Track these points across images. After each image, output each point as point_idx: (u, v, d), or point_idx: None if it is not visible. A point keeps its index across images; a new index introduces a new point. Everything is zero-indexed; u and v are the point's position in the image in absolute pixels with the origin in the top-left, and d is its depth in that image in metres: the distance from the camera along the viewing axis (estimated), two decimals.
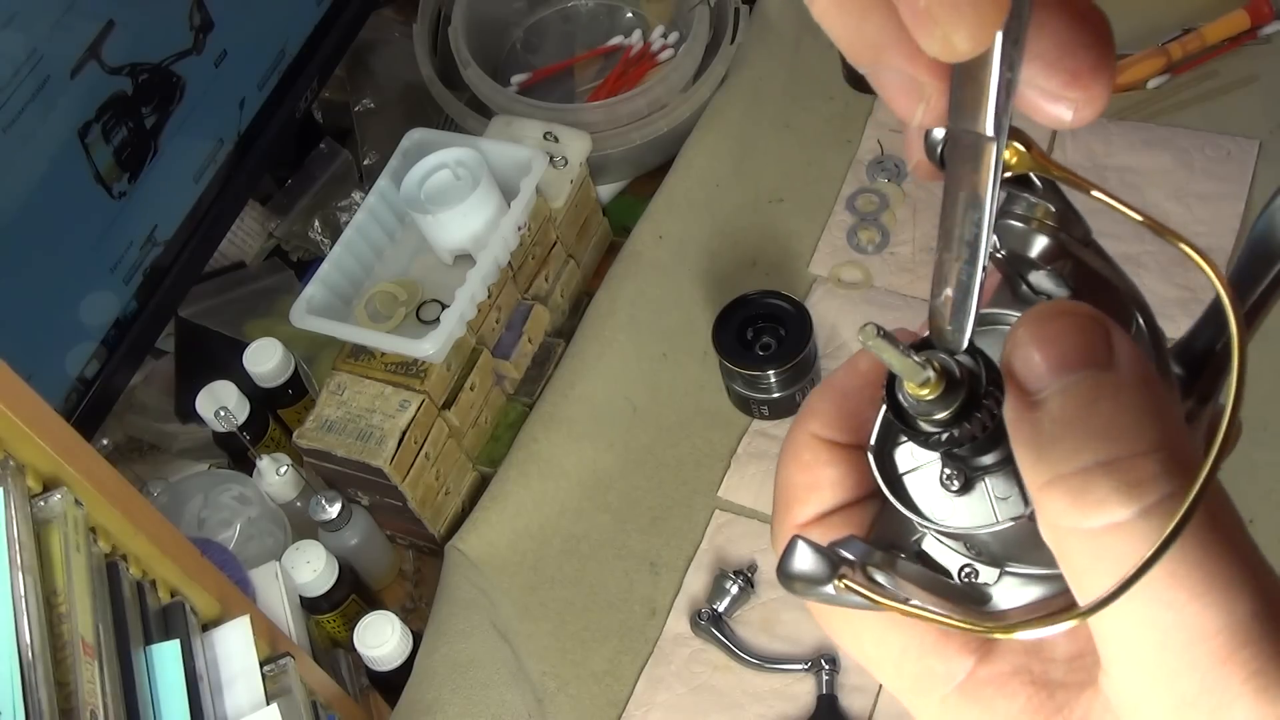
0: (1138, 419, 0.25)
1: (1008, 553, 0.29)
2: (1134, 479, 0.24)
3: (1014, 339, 0.26)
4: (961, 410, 0.26)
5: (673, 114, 1.14)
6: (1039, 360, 0.26)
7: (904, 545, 0.30)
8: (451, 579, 0.95)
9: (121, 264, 0.93)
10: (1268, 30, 1.12)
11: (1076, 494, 0.25)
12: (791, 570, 0.27)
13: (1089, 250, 0.29)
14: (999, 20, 0.23)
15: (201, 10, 0.97)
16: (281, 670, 0.75)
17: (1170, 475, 0.24)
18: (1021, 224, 0.28)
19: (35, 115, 0.83)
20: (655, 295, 1.07)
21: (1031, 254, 0.28)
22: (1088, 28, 0.26)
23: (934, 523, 0.29)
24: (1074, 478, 0.25)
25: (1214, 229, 1.03)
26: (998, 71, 0.26)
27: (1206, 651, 0.24)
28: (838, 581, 0.27)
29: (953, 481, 0.29)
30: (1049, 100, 0.27)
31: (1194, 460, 0.25)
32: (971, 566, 0.29)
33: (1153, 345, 0.28)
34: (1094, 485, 0.24)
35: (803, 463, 0.31)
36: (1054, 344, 0.26)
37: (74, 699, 0.57)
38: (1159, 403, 0.25)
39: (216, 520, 0.94)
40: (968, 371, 0.27)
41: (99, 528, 0.66)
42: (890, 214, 1.10)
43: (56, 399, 0.89)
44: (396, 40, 1.27)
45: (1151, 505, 0.24)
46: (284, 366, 1.00)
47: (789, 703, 0.88)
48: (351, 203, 1.18)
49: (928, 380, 0.26)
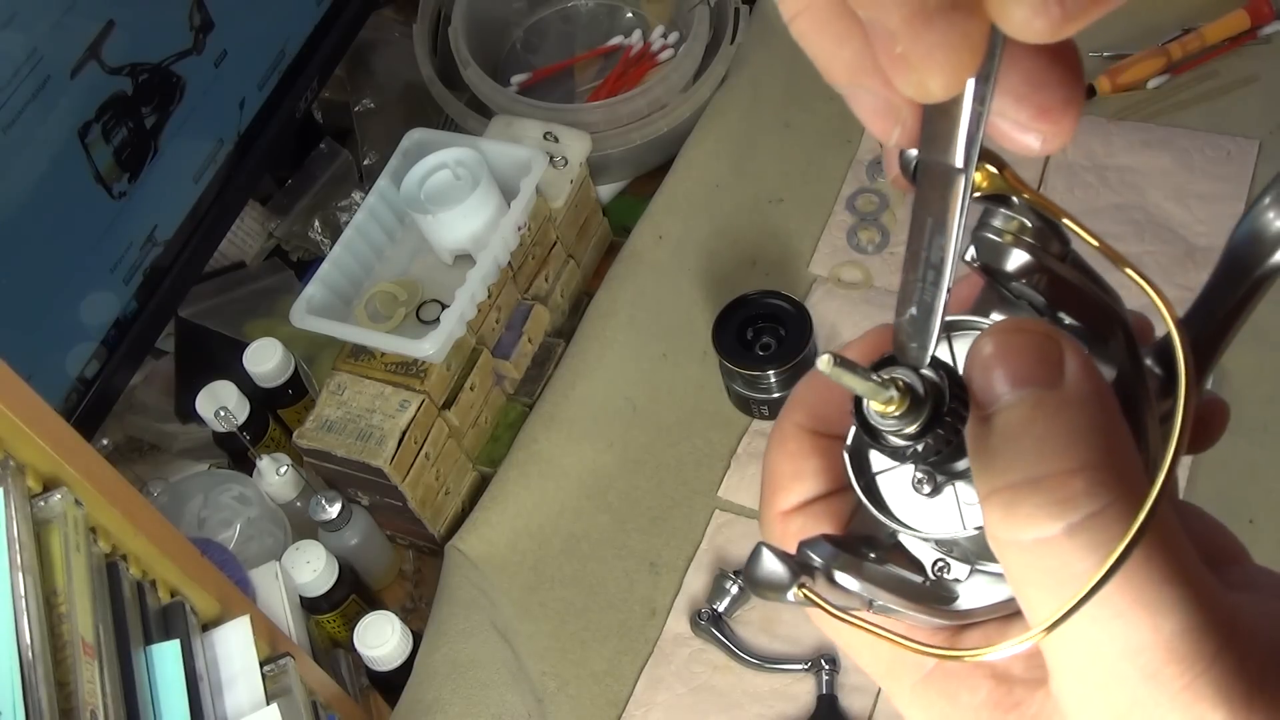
0: (1071, 438, 0.25)
1: (980, 551, 0.29)
2: (1060, 496, 0.25)
3: (972, 353, 0.27)
4: (926, 425, 0.27)
5: (673, 114, 1.14)
6: (993, 375, 0.26)
7: (880, 536, 0.31)
8: (451, 579, 0.95)
9: (121, 264, 0.93)
10: (1268, 30, 1.12)
11: (1008, 508, 0.25)
12: (755, 576, 0.28)
13: (1066, 265, 0.29)
14: (973, 67, 0.24)
15: (201, 10, 0.97)
16: (281, 670, 0.75)
17: (1096, 494, 0.25)
18: (998, 237, 0.29)
19: (35, 115, 0.83)
20: (655, 295, 1.07)
21: (1008, 267, 0.29)
22: (1058, 63, 0.27)
23: (903, 526, 0.30)
24: (1006, 491, 0.26)
25: (1214, 229, 1.03)
26: (969, 107, 0.26)
27: (1134, 668, 0.25)
28: (797, 590, 0.28)
29: (924, 485, 0.30)
30: (1018, 131, 0.27)
31: (1137, 477, 0.26)
32: (945, 561, 0.30)
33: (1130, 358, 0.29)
34: (1023, 500, 0.25)
35: (787, 452, 0.32)
36: (1006, 360, 0.26)
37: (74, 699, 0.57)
38: (1099, 421, 0.26)
39: (216, 520, 0.94)
40: (931, 386, 0.27)
41: (99, 528, 0.66)
42: (890, 214, 1.10)
43: (56, 399, 0.89)
44: (396, 40, 1.27)
45: (1077, 523, 0.25)
46: (284, 366, 1.00)
47: (789, 703, 0.88)
48: (351, 203, 1.18)
49: (891, 398, 0.27)
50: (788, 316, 0.99)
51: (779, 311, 0.99)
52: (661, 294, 1.07)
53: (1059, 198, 1.08)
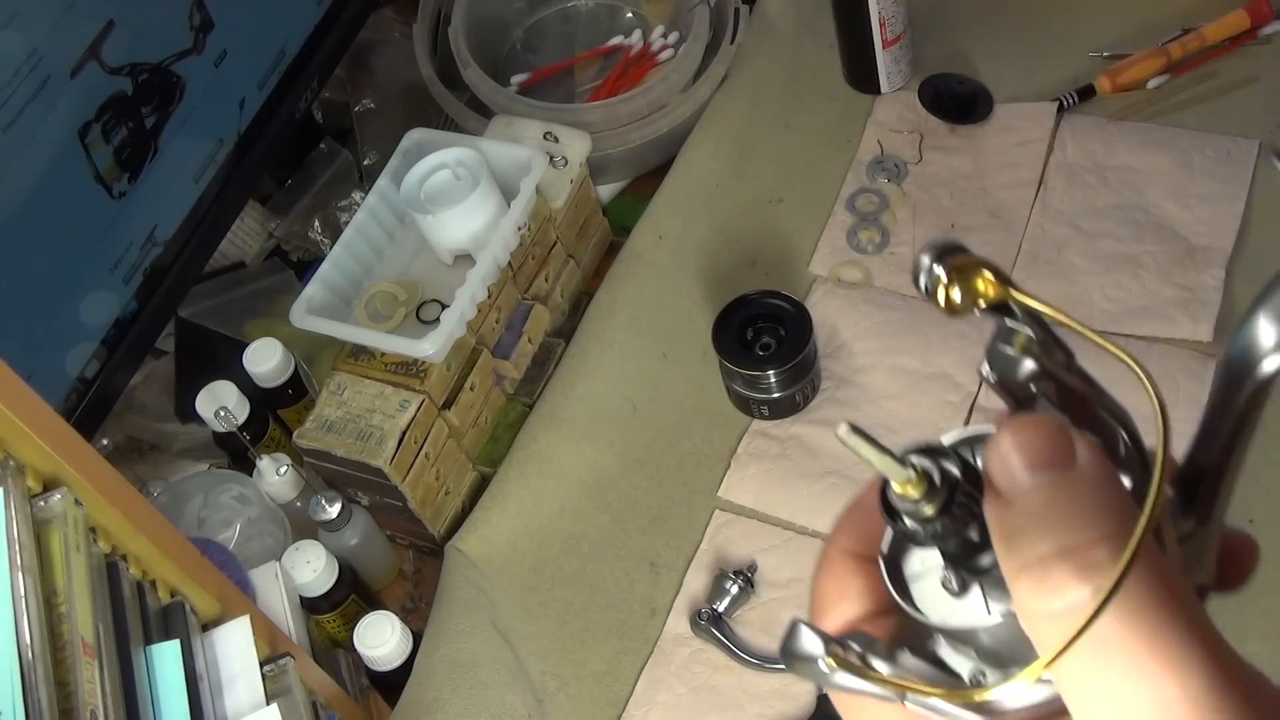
0: (1092, 512, 0.28)
1: (1012, 655, 0.31)
2: (1087, 563, 0.27)
3: (990, 445, 0.30)
4: (943, 508, 0.30)
5: (673, 114, 1.14)
6: (1011, 462, 0.29)
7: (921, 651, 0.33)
8: (451, 579, 0.95)
9: (121, 264, 0.93)
10: (1268, 30, 1.12)
11: (1039, 578, 0.28)
12: (789, 648, 0.30)
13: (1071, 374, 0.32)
14: None
15: (201, 10, 0.97)
16: (281, 670, 0.75)
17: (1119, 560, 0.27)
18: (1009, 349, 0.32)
19: (35, 115, 0.83)
20: (655, 295, 1.07)
21: (1019, 377, 0.32)
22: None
23: (934, 620, 0.32)
24: (1038, 564, 0.28)
25: (1214, 229, 1.03)
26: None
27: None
28: (827, 658, 0.30)
29: (951, 582, 0.32)
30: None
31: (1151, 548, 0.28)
32: (981, 672, 0.32)
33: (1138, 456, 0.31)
34: (1054, 570, 0.28)
35: (833, 574, 0.35)
36: (1024, 448, 0.29)
37: (74, 699, 0.57)
38: (1114, 498, 0.29)
39: (216, 520, 0.94)
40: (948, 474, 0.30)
41: (99, 528, 0.66)
42: (890, 214, 1.10)
43: (56, 399, 0.89)
44: (396, 40, 1.27)
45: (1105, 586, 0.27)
46: (284, 366, 1.00)
47: (789, 703, 0.88)
48: (351, 203, 1.18)
49: (909, 479, 0.29)
50: (788, 316, 0.99)
51: (779, 311, 0.99)
52: (661, 294, 1.07)
53: (1059, 197, 1.08)
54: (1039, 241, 1.06)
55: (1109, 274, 1.02)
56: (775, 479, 0.97)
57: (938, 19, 1.20)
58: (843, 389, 1.01)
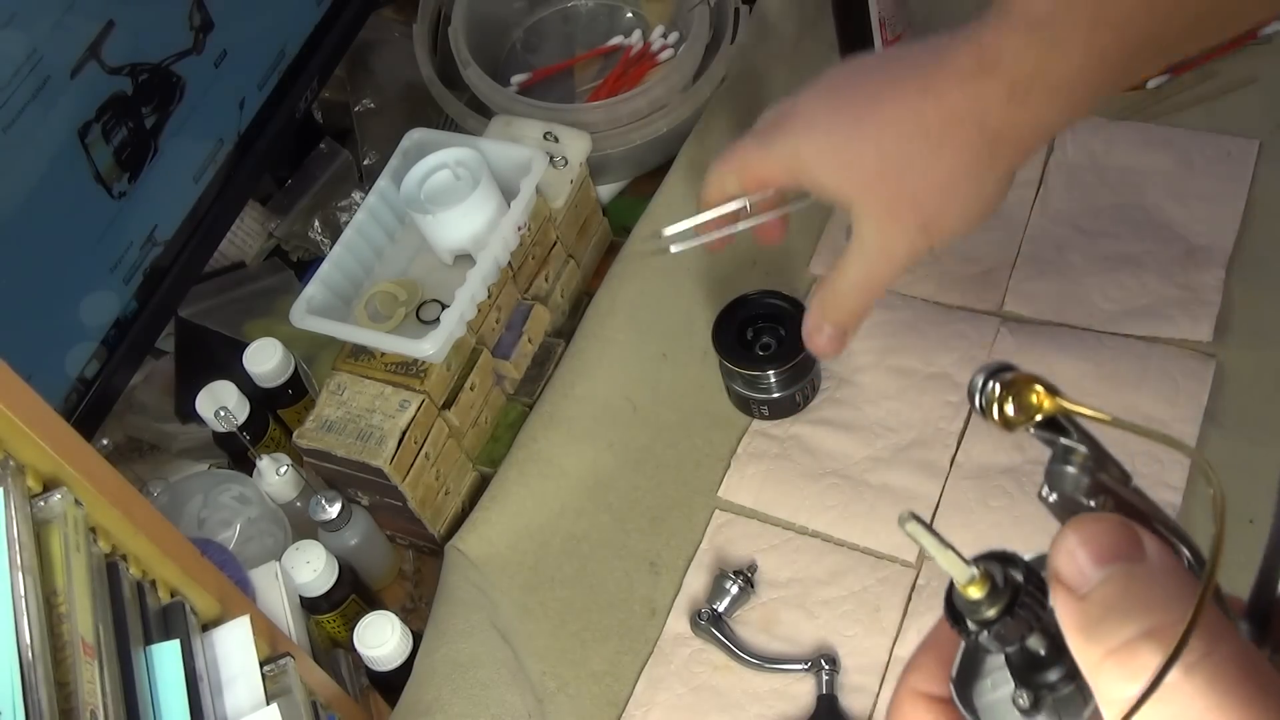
0: (1169, 595, 0.29)
1: None
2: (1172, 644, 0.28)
3: (1058, 544, 0.31)
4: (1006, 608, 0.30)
5: (673, 114, 1.14)
6: (1082, 557, 0.30)
7: None
8: (451, 579, 0.95)
9: (121, 264, 0.93)
10: (1268, 30, 1.12)
11: (1126, 662, 0.28)
12: None
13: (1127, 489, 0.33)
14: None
15: (201, 10, 0.97)
16: (281, 670, 0.75)
17: (1201, 638, 0.28)
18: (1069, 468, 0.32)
19: (35, 115, 0.83)
20: (655, 295, 1.07)
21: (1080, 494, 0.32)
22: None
23: None
24: (1123, 650, 0.28)
25: (1214, 229, 1.03)
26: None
27: None
28: None
29: (1023, 698, 0.32)
30: None
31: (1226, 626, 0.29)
32: None
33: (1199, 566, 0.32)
34: (1140, 651, 0.28)
35: (904, 715, 0.35)
36: (1093, 543, 0.30)
37: (74, 699, 0.57)
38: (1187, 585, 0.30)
39: (216, 520, 0.94)
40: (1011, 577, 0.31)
41: (99, 528, 0.66)
42: None
43: (56, 399, 0.89)
44: (396, 40, 1.27)
45: (1194, 663, 0.27)
46: (284, 366, 1.00)
47: (789, 703, 0.88)
48: (351, 203, 1.18)
49: (973, 578, 0.30)
50: (788, 316, 0.99)
51: (779, 311, 0.99)
52: (661, 294, 1.07)
53: (1059, 197, 1.08)
54: (1039, 241, 1.06)
55: (1109, 274, 1.02)
56: (775, 479, 0.97)
57: (938, 19, 1.20)
58: (843, 389, 1.01)
